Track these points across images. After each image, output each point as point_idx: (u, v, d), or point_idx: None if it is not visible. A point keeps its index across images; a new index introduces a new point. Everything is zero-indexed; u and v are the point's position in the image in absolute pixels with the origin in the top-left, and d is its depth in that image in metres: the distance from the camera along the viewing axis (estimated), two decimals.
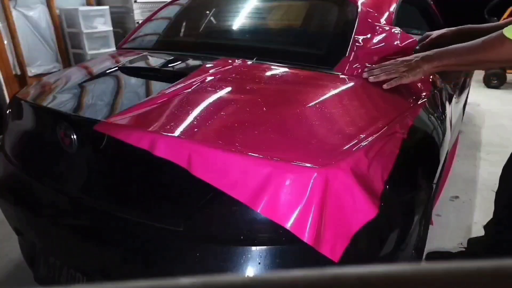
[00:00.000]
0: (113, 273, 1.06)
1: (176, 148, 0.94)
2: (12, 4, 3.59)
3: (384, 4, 1.63)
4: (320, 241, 0.84)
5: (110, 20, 4.09)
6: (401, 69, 1.28)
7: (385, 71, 1.29)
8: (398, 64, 1.29)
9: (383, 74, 1.28)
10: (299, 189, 0.85)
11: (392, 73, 1.28)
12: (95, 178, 1.18)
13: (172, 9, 2.10)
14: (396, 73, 1.27)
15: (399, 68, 1.28)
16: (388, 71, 1.28)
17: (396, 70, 1.28)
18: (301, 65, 1.41)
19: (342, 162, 0.90)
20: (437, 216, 2.20)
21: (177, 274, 0.31)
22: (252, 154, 0.89)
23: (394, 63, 1.30)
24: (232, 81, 1.30)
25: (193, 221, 0.95)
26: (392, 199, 1.02)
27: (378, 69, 1.31)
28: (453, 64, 1.27)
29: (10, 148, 1.42)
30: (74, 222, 1.17)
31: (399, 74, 1.27)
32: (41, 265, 1.29)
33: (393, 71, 1.28)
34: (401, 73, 1.27)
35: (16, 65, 3.71)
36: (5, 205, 1.36)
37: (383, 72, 1.29)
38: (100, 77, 1.50)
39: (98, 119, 1.08)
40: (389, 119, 1.14)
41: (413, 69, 1.27)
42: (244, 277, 0.22)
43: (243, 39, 1.84)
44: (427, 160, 1.32)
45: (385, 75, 1.28)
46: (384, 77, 1.28)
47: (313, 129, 1.05)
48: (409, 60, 1.29)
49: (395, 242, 1.06)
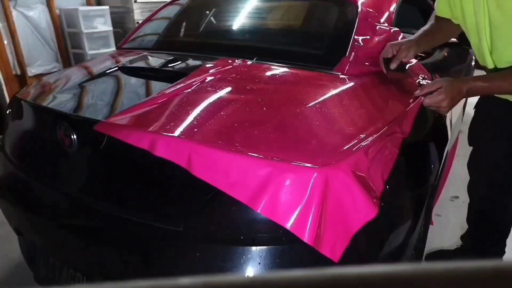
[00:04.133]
0: (113, 273, 1.06)
1: (176, 148, 0.94)
2: (12, 4, 3.59)
3: (384, 4, 1.63)
4: (320, 241, 0.84)
5: (110, 20, 4.09)
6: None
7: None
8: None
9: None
10: (299, 189, 0.85)
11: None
12: (95, 178, 1.18)
13: (172, 9, 2.09)
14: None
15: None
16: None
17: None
18: (301, 65, 1.41)
19: (342, 162, 0.90)
20: (437, 216, 2.20)
21: (177, 274, 0.31)
22: (252, 154, 0.89)
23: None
24: (232, 81, 1.30)
25: (193, 221, 0.95)
26: (392, 199, 1.02)
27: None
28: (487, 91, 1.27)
29: (10, 148, 1.42)
30: (74, 222, 1.17)
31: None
32: (41, 265, 1.29)
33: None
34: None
35: (16, 65, 3.70)
36: (5, 205, 1.36)
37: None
38: (100, 77, 1.50)
39: (98, 119, 1.08)
40: (389, 119, 1.14)
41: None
42: (244, 277, 0.22)
43: (243, 39, 1.84)
44: (427, 160, 1.32)
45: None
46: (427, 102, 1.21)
47: (313, 129, 1.05)
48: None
49: (395, 242, 1.06)
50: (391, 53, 1.39)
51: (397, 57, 1.37)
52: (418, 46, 1.41)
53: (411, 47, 1.38)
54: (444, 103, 1.17)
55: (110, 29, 4.11)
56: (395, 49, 1.38)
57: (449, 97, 1.17)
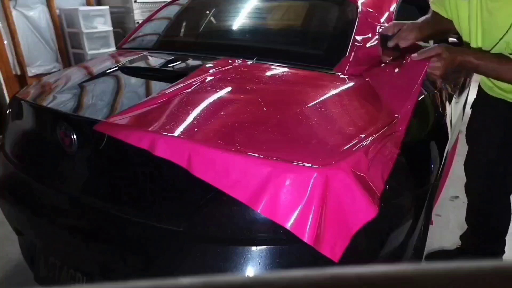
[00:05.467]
0: (113, 273, 1.06)
1: (176, 148, 0.94)
2: (12, 4, 3.59)
3: (384, 4, 1.63)
4: (320, 241, 0.84)
5: (110, 20, 4.09)
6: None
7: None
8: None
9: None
10: (299, 189, 0.85)
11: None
12: (95, 178, 1.18)
13: (172, 9, 2.09)
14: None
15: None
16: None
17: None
18: (301, 65, 1.41)
19: (342, 162, 0.90)
20: (437, 216, 2.20)
21: (177, 274, 0.31)
22: (252, 154, 0.89)
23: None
24: (232, 81, 1.30)
25: (193, 221, 0.95)
26: (392, 199, 1.02)
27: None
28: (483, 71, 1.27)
29: (10, 148, 1.42)
30: (74, 222, 1.17)
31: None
32: (41, 265, 1.29)
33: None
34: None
35: (16, 65, 3.70)
36: (5, 205, 1.36)
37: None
38: (100, 77, 1.50)
39: (98, 119, 1.08)
40: (389, 119, 1.14)
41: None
42: (244, 277, 0.22)
43: (243, 39, 1.84)
44: (427, 160, 1.32)
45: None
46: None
47: (313, 129, 1.05)
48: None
49: (395, 242, 1.06)
50: (392, 32, 1.40)
51: (397, 36, 1.38)
52: (421, 31, 1.42)
53: (413, 29, 1.39)
54: (438, 71, 1.22)
55: (110, 29, 4.11)
56: (397, 28, 1.40)
57: (444, 64, 1.21)
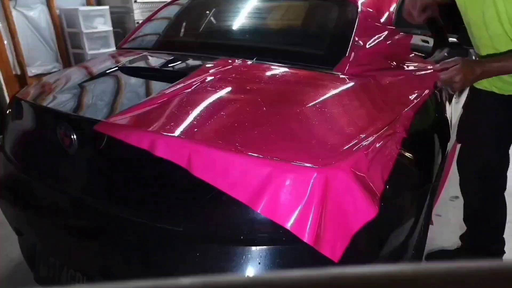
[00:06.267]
0: (113, 273, 1.06)
1: (176, 148, 0.94)
2: (12, 4, 3.59)
3: (384, 4, 1.63)
4: (320, 241, 0.84)
5: (110, 20, 4.09)
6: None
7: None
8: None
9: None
10: (299, 189, 0.85)
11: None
12: (95, 178, 1.18)
13: (172, 9, 2.09)
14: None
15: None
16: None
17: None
18: (301, 65, 1.41)
19: (342, 162, 0.90)
20: (437, 216, 2.20)
21: (177, 274, 0.31)
22: (252, 154, 0.89)
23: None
24: (232, 81, 1.30)
25: (193, 221, 0.95)
26: (392, 199, 1.02)
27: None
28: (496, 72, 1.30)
29: (10, 148, 1.42)
30: (74, 222, 1.17)
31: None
32: (41, 265, 1.29)
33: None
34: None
35: (16, 65, 3.70)
36: (5, 205, 1.36)
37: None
38: (100, 77, 1.50)
39: (98, 119, 1.08)
40: (389, 119, 1.14)
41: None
42: (244, 277, 0.22)
43: (243, 39, 1.84)
44: (427, 160, 1.32)
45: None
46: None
47: (313, 129, 1.05)
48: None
49: (395, 242, 1.06)
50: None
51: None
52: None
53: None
54: (457, 79, 1.25)
55: (110, 29, 4.11)
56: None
57: (463, 74, 1.24)
